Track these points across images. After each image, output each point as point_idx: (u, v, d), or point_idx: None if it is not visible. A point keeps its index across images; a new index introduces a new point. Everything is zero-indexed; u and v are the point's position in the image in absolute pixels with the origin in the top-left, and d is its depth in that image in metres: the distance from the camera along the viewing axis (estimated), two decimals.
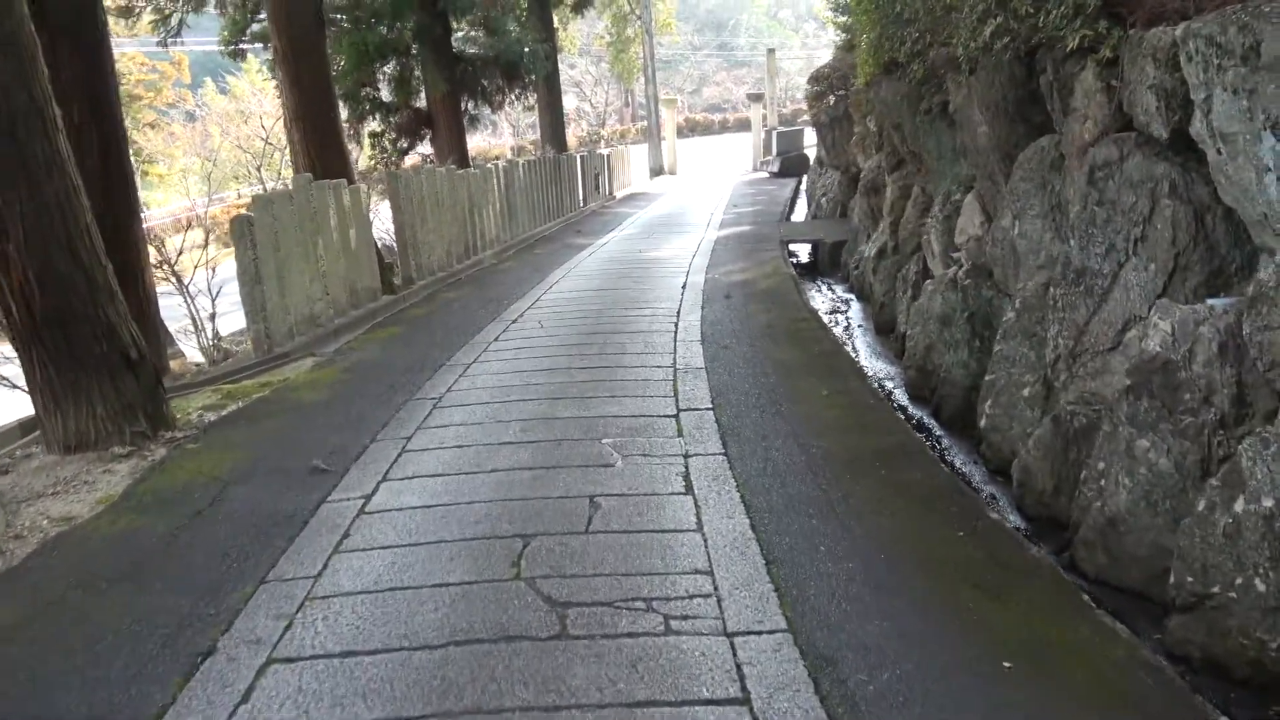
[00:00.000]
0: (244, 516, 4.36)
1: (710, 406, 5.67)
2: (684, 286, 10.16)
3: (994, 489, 5.39)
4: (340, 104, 17.80)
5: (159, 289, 11.28)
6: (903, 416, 6.16)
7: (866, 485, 4.38)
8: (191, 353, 11.23)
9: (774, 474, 4.55)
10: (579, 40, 36.10)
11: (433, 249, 11.73)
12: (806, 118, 51.92)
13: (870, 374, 7.42)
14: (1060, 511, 4.81)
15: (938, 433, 6.49)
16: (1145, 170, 4.47)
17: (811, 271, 13.59)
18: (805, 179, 27.46)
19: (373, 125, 18.43)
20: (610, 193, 23.74)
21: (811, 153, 30.38)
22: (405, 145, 18.14)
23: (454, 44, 17.89)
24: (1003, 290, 6.37)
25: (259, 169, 23.86)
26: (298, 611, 3.43)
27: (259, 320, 7.75)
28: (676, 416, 5.52)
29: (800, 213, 20.84)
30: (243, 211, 8.04)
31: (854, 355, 7.92)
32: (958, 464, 5.82)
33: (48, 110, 5.03)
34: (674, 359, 6.89)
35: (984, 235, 6.80)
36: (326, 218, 9.02)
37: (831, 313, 10.65)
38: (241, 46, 16.91)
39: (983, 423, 5.76)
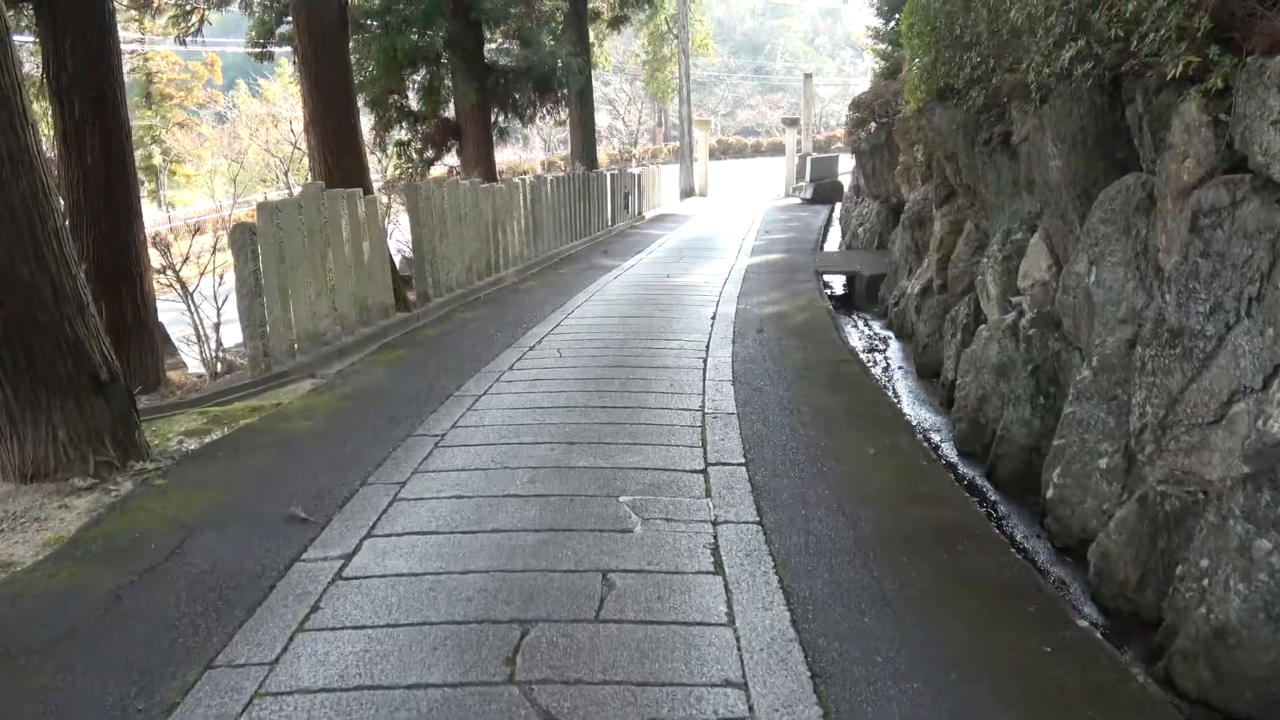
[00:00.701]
0: (202, 575, 3.77)
1: (742, 461, 5.04)
2: (713, 317, 9.55)
3: (1062, 571, 4.74)
4: (366, 110, 17.45)
5: (166, 295, 10.83)
6: (954, 477, 5.50)
7: (926, 573, 3.73)
8: (195, 363, 10.73)
9: (818, 552, 3.91)
10: (614, 57, 35.74)
11: (452, 265, 11.19)
12: (841, 144, 51.56)
13: (917, 426, 6.76)
14: (1146, 607, 4.15)
15: (992, 496, 5.84)
16: (1264, 219, 3.83)
17: (847, 305, 12.94)
18: (839, 207, 26.91)
19: (399, 134, 18.01)
20: (640, 213, 23.21)
21: (845, 180, 29.82)
22: (432, 155, 17.70)
23: (486, 54, 17.45)
24: (1073, 343, 5.73)
25: (286, 173, 23.56)
26: (242, 713, 2.83)
27: (256, 337, 7.20)
28: (705, 472, 4.90)
29: (833, 242, 20.21)
30: (243, 220, 7.51)
31: (898, 403, 7.24)
32: (1018, 537, 5.17)
33: (15, 100, 4.49)
34: (702, 401, 6.27)
35: (1051, 280, 6.16)
36: (338, 229, 8.49)
37: (869, 351, 10.01)
38: (269, 49, 16.54)
39: (1049, 493, 5.10)
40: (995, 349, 6.62)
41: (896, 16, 24.95)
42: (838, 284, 14.05)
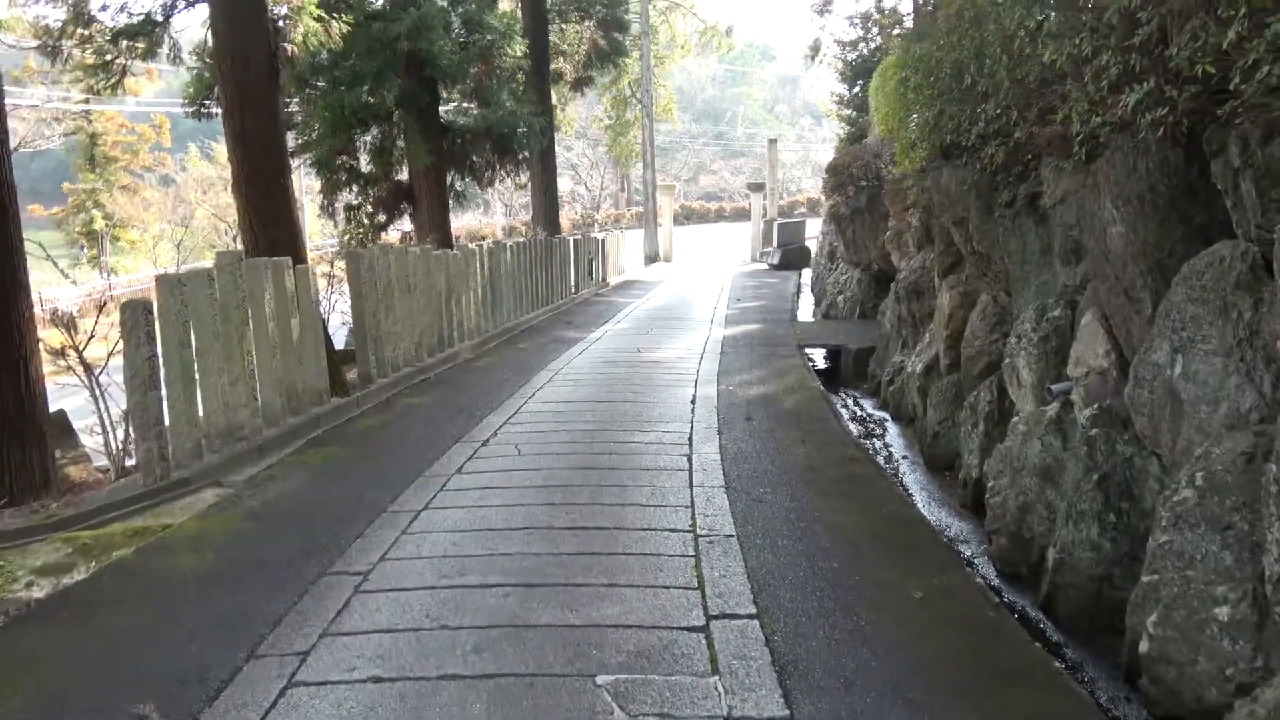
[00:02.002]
0: None
1: (753, 612, 3.89)
2: (693, 401, 8.44)
3: None
4: (312, 172, 16.37)
5: (68, 380, 9.57)
6: (1030, 636, 4.38)
7: None
8: (103, 456, 9.44)
9: None
10: (576, 122, 35.10)
11: (399, 340, 10.02)
12: (804, 209, 51.37)
13: (954, 544, 5.64)
14: None
15: (1054, 636, 4.72)
16: None
17: (832, 380, 11.88)
18: (807, 273, 26.15)
19: (349, 197, 16.92)
20: (604, 279, 22.20)
21: (813, 245, 29.14)
22: (384, 220, 16.59)
23: (442, 114, 16.49)
24: (1150, 448, 4.67)
25: (235, 239, 22.37)
26: None
27: (151, 438, 5.96)
28: (706, 630, 3.73)
29: (806, 309, 19.25)
30: (135, 298, 6.33)
31: (930, 521, 6.09)
32: (1102, 699, 4.05)
33: None
34: (693, 517, 5.12)
35: (1111, 369, 5.12)
36: (260, 304, 7.31)
37: (866, 437, 8.93)
38: (210, 107, 15.42)
39: (1145, 646, 3.98)
40: (1037, 448, 5.56)
41: (860, 82, 24.61)
42: (821, 357, 13.03)
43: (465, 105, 17.65)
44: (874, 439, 8.97)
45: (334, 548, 4.74)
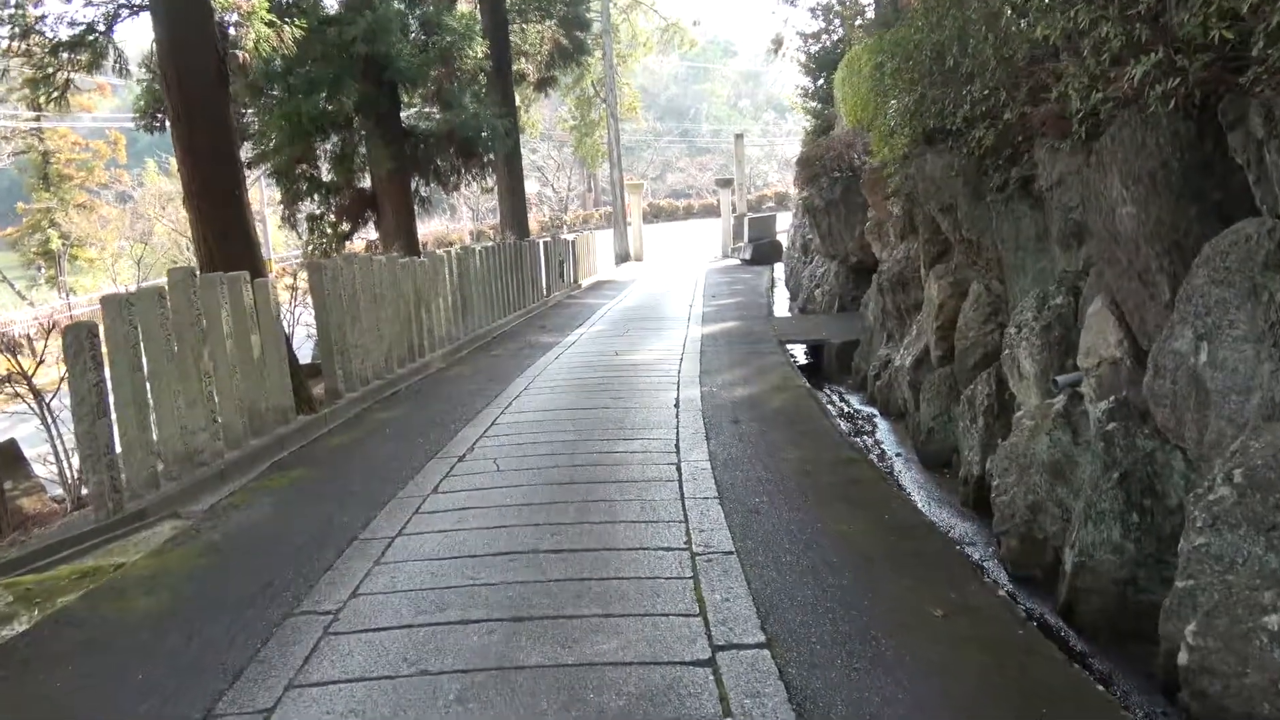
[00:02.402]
0: None
1: (763, 640, 3.55)
2: (677, 404, 8.10)
3: None
4: (271, 182, 15.89)
5: (16, 408, 9.11)
6: (1063, 652, 4.07)
7: None
8: (58, 485, 8.98)
9: None
10: (541, 124, 34.70)
11: (367, 353, 9.62)
12: (772, 204, 51.22)
13: (972, 558, 5.33)
14: None
15: (1078, 645, 4.43)
16: None
17: (814, 376, 11.57)
18: (778, 267, 25.92)
19: (311, 207, 16.45)
20: (576, 281, 21.84)
21: (783, 238, 28.92)
22: (347, 229, 16.12)
23: (404, 118, 16.06)
24: (1173, 441, 4.38)
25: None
26: None
27: (101, 469, 5.55)
28: (712, 663, 3.39)
29: (781, 303, 18.96)
30: (78, 320, 5.92)
31: (940, 526, 5.78)
32: (1140, 718, 3.75)
33: None
34: (687, 533, 4.78)
35: (1125, 358, 4.84)
36: (217, 322, 6.90)
37: (855, 434, 8.62)
38: (162, 120, 14.91)
39: (1184, 658, 3.68)
40: (1045, 443, 5.27)
41: (824, 74, 24.39)
42: (802, 352, 12.75)
43: (427, 110, 17.23)
44: (864, 436, 8.68)
45: (301, 583, 4.36)
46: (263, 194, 30.97)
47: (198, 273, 6.89)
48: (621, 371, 10.06)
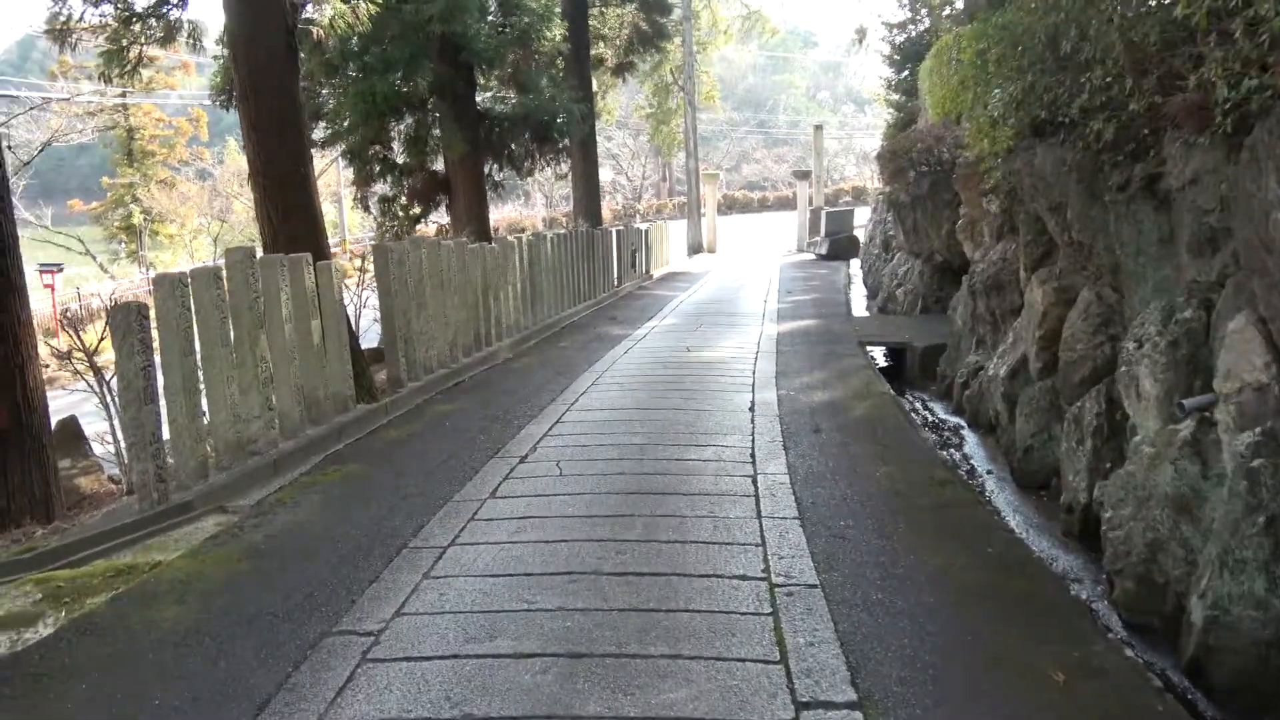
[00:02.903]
0: None
1: (854, 700, 3.09)
2: (751, 408, 7.64)
3: None
4: (345, 163, 15.75)
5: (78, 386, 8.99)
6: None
7: None
8: (115, 467, 8.84)
9: None
10: (617, 111, 34.32)
11: (432, 340, 9.32)
12: (849, 198, 50.21)
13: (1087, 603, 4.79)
14: None
15: (1208, 712, 3.88)
16: None
17: (894, 380, 10.98)
18: (854, 263, 25.22)
19: (383, 189, 16.29)
20: (648, 271, 21.42)
21: (860, 234, 28.15)
22: (419, 212, 15.91)
23: (479, 101, 15.77)
24: None
25: None
26: None
27: (147, 458, 5.28)
28: None
29: (859, 301, 18.28)
30: (128, 300, 5.66)
31: (1053, 566, 5.22)
32: None
33: None
34: (765, 559, 4.33)
35: (1271, 383, 4.26)
36: (277, 304, 6.62)
37: (940, 447, 8.06)
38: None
39: None
40: (1169, 474, 4.70)
41: (909, 65, 23.58)
42: (881, 355, 12.16)
43: (502, 93, 16.95)
44: (950, 449, 8.11)
45: (343, 596, 4.01)
46: (339, 175, 31.10)
47: (258, 253, 6.61)
48: (693, 369, 9.61)
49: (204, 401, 5.85)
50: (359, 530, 4.87)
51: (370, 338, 12.32)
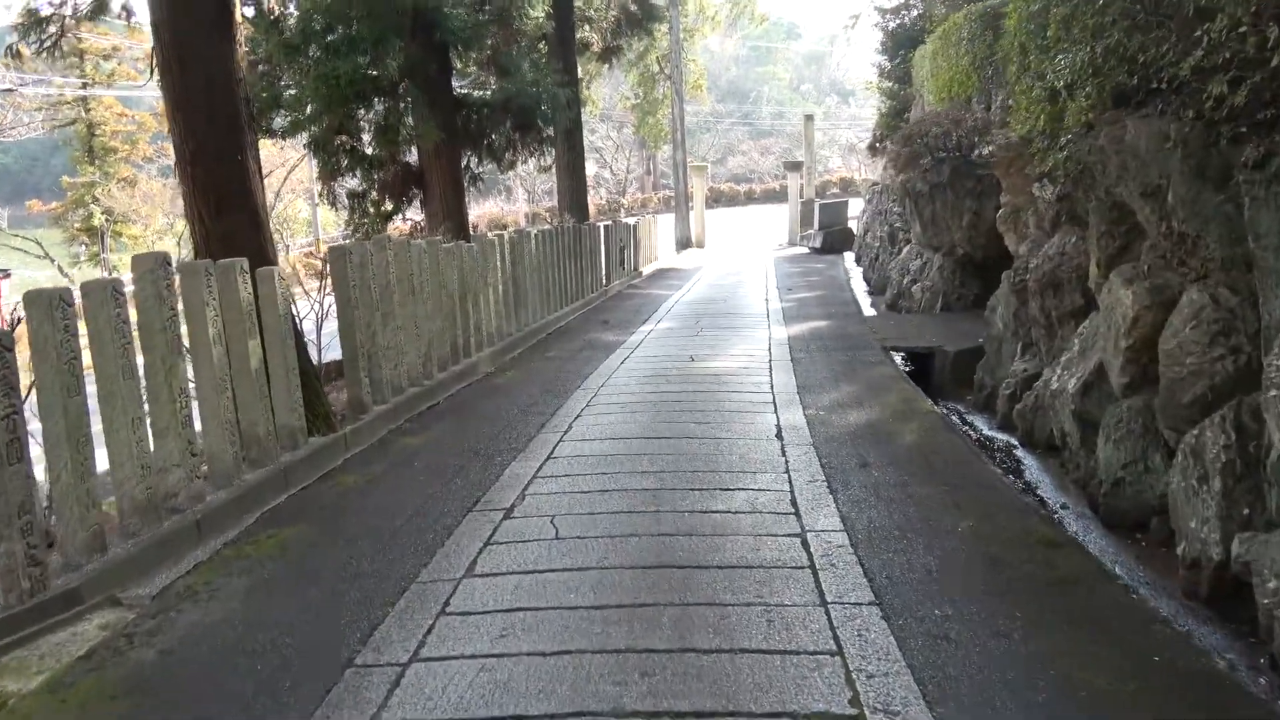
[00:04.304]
0: None
1: None
2: (779, 434, 6.43)
3: None
4: (310, 154, 14.43)
5: None
6: None
7: None
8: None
9: None
10: (601, 103, 33.01)
11: (401, 355, 8.06)
12: (836, 189, 49.08)
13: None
14: None
15: None
16: None
17: (922, 387, 9.79)
18: (851, 256, 24.16)
19: (353, 183, 14.96)
20: (637, 269, 20.18)
21: (853, 225, 27.03)
22: (391, 208, 14.58)
23: (456, 86, 14.47)
24: None
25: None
26: None
27: (12, 535, 3.98)
28: None
29: (861, 298, 17.01)
30: None
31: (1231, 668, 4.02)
32: None
33: None
34: (847, 676, 3.11)
35: None
36: (201, 323, 5.36)
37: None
38: None
39: None
40: None
41: (902, 52, 22.46)
42: (900, 359, 10.95)
43: (481, 78, 15.65)
44: (1008, 476, 6.92)
45: None
46: (311, 169, 29.68)
47: (173, 259, 5.34)
48: (702, 384, 8.39)
49: (102, 452, 4.58)
50: (290, 637, 3.62)
51: (337, 348, 11.04)
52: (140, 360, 4.94)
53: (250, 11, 11.99)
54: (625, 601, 3.79)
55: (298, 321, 8.21)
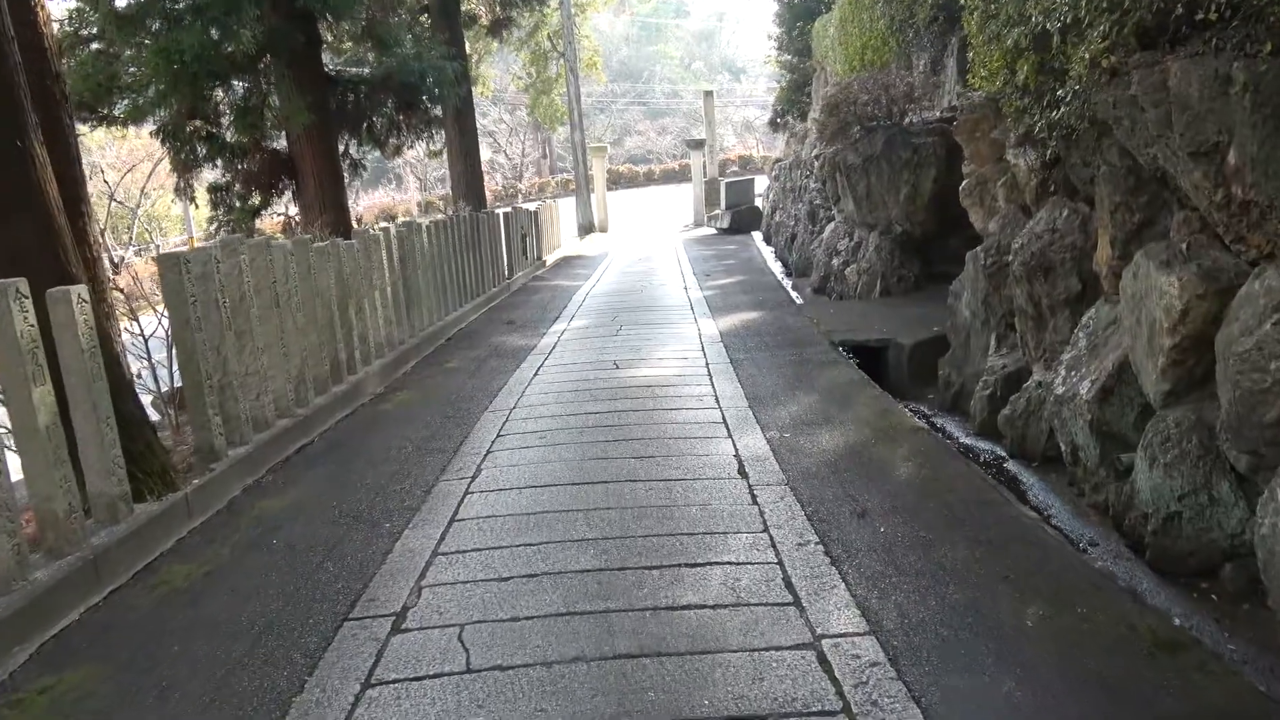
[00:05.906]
0: None
1: None
2: (742, 470, 5.14)
3: None
4: (162, 144, 12.58)
5: None
6: None
7: None
8: None
9: None
10: (492, 84, 31.28)
11: (265, 381, 6.52)
12: (736, 167, 48.18)
13: None
14: None
15: None
16: None
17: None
18: (759, 235, 23.23)
19: (215, 175, 13.17)
20: (540, 258, 18.71)
21: (759, 202, 26.06)
22: (258, 202, 12.83)
23: (327, 62, 12.80)
24: None
25: (102, 234, 18.32)
26: None
27: None
28: None
29: (782, 280, 15.88)
30: None
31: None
32: None
33: None
34: None
35: None
36: None
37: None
38: None
39: None
40: None
41: (800, 25, 21.46)
42: (842, 351, 9.79)
43: (359, 53, 13.96)
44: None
45: None
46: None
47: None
48: (634, 399, 7.04)
49: None
50: None
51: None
52: None
53: None
54: None
55: (124, 350, 6.60)
